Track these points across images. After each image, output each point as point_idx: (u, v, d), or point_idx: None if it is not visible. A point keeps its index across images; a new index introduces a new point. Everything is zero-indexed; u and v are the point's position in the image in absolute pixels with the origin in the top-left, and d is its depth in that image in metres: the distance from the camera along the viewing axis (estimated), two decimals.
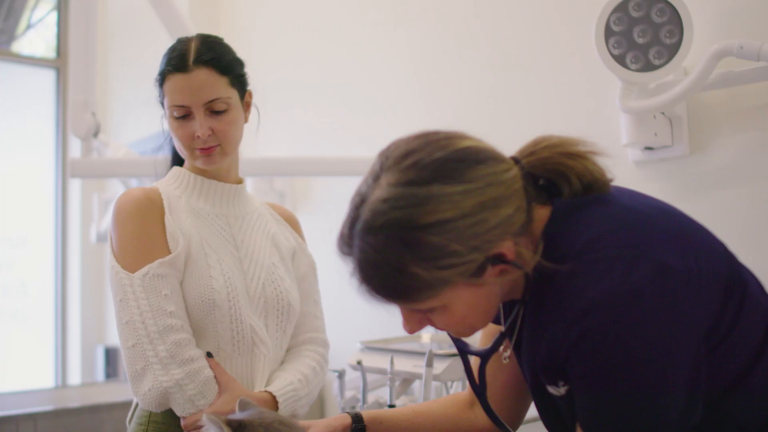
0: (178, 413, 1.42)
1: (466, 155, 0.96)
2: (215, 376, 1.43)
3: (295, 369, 1.55)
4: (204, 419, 1.11)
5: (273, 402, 1.46)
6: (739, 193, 1.94)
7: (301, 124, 3.33)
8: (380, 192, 0.94)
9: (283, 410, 1.47)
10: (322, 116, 3.23)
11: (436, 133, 0.99)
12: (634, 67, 1.95)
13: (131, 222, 1.47)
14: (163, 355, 1.39)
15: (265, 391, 1.48)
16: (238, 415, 1.17)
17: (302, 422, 1.25)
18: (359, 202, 0.97)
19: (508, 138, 1.11)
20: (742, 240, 1.89)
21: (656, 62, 1.93)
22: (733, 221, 1.93)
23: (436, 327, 1.02)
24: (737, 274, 1.00)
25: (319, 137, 3.23)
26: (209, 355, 1.46)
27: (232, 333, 1.48)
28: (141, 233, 1.46)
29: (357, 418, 1.25)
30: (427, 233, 0.91)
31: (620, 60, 1.96)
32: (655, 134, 2.00)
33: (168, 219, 1.49)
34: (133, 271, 1.43)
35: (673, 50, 1.91)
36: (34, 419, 2.96)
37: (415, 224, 0.91)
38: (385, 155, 0.98)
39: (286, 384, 1.50)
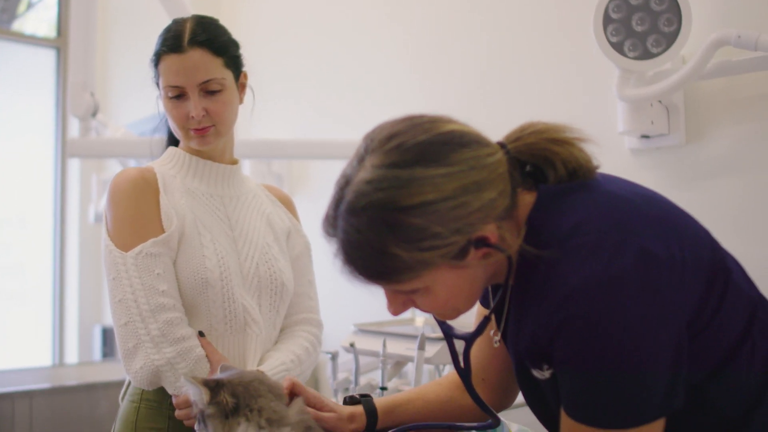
0: (170, 392, 1.42)
1: (450, 138, 0.96)
2: (207, 355, 1.44)
3: (288, 349, 1.56)
4: (182, 380, 1.11)
5: None
6: (735, 182, 1.94)
7: (301, 108, 3.33)
8: (364, 173, 0.95)
9: None
10: (321, 101, 3.23)
11: (420, 117, 0.99)
12: (632, 54, 1.95)
13: (126, 201, 1.48)
14: (155, 334, 1.40)
15: (257, 371, 1.49)
16: (217, 376, 1.18)
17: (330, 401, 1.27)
18: (344, 183, 0.98)
19: (504, 126, 1.10)
20: (737, 229, 1.90)
21: (654, 50, 1.93)
22: (728, 210, 1.93)
23: (421, 309, 1.03)
24: (721, 262, 1.00)
25: (318, 121, 3.23)
26: (201, 334, 1.47)
27: (224, 312, 1.49)
28: (135, 212, 1.47)
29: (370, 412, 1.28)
30: (409, 215, 0.92)
31: (618, 47, 1.96)
32: (652, 122, 2.00)
33: (163, 198, 1.50)
34: (126, 250, 1.44)
35: (671, 39, 1.91)
36: (30, 397, 2.99)
37: (398, 206, 0.92)
38: (370, 137, 0.99)
39: (278, 364, 1.51)
